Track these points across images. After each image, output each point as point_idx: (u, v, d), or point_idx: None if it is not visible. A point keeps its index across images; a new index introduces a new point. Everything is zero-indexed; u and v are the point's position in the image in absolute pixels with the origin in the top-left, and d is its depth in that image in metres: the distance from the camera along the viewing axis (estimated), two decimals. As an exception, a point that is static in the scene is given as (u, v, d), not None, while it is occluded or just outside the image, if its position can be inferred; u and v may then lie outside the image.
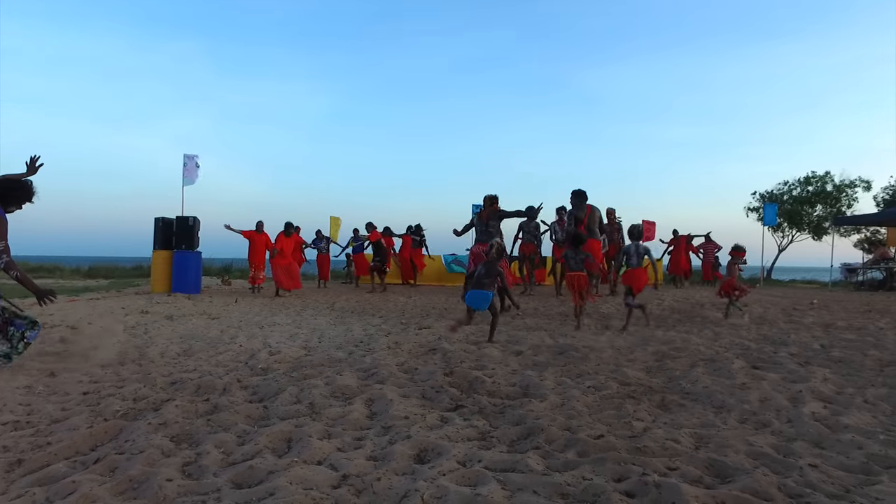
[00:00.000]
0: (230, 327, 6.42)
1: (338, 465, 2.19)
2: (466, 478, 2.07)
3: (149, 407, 3.04)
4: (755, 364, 4.27)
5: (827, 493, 1.96)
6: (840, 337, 5.76)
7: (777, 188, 24.77)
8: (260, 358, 4.49)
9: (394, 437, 2.52)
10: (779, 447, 2.44)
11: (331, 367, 4.14)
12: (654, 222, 17.96)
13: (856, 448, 2.42)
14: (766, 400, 3.21)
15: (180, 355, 4.67)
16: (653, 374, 4.02)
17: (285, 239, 11.43)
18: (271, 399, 3.24)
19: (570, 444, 2.44)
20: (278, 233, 11.57)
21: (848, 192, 23.32)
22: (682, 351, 4.82)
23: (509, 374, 3.92)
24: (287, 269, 11.17)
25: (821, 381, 3.63)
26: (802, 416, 2.85)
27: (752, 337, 5.75)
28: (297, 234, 12.04)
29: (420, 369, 4.02)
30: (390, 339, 5.51)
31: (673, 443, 2.45)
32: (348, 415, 2.89)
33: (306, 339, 5.63)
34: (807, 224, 23.82)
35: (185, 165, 13.20)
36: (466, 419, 2.84)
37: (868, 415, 2.94)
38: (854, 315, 8.00)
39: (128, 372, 3.97)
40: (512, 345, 5.24)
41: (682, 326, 6.67)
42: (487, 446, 2.45)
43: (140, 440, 2.47)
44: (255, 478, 2.09)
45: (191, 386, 3.50)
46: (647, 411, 3.02)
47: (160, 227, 11.31)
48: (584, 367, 4.15)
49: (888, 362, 4.36)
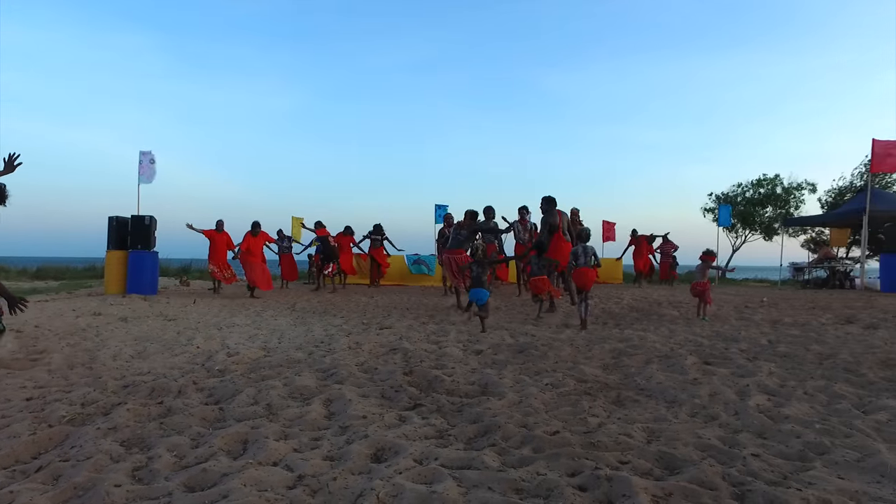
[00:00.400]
0: (187, 329, 6.27)
1: (294, 466, 2.17)
2: (422, 476, 2.08)
3: (98, 411, 2.94)
4: (707, 360, 4.42)
5: (767, 480, 2.05)
6: (786, 333, 6.01)
7: (731, 190, 25.65)
8: (217, 359, 4.40)
9: (351, 437, 2.52)
10: (725, 439, 2.54)
11: (290, 367, 4.09)
12: (614, 223, 18.42)
13: (794, 437, 2.54)
14: (716, 394, 3.33)
15: (134, 358, 4.53)
16: (609, 371, 4.11)
17: (252, 238, 11.26)
18: (228, 401, 3.19)
19: (526, 441, 2.48)
20: (245, 232, 11.36)
21: (796, 194, 24.37)
22: (639, 348, 4.95)
23: (468, 373, 3.95)
24: (263, 269, 11.06)
25: (766, 375, 3.79)
26: (748, 409, 2.97)
27: (705, 334, 5.94)
28: (265, 233, 11.82)
29: (380, 369, 4.01)
30: (351, 340, 5.48)
31: (626, 437, 2.52)
32: (306, 415, 2.87)
33: (266, 339, 5.55)
34: (758, 225, 24.75)
35: (140, 163, 12.80)
36: (424, 418, 2.86)
37: (807, 405, 3.09)
38: (800, 312, 8.35)
39: (77, 376, 3.84)
40: (472, 343, 5.29)
41: (640, 325, 6.84)
42: (444, 444, 2.47)
43: (87, 446, 2.39)
44: (208, 480, 2.06)
45: (144, 389, 3.41)
46: (602, 407, 3.09)
47: (114, 227, 10.93)
48: (543, 365, 4.22)
49: (827, 356, 4.58)
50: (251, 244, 11.21)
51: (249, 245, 11.19)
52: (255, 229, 11.34)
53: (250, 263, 11.06)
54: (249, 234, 11.31)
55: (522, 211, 10.60)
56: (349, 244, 13.95)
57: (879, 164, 14.27)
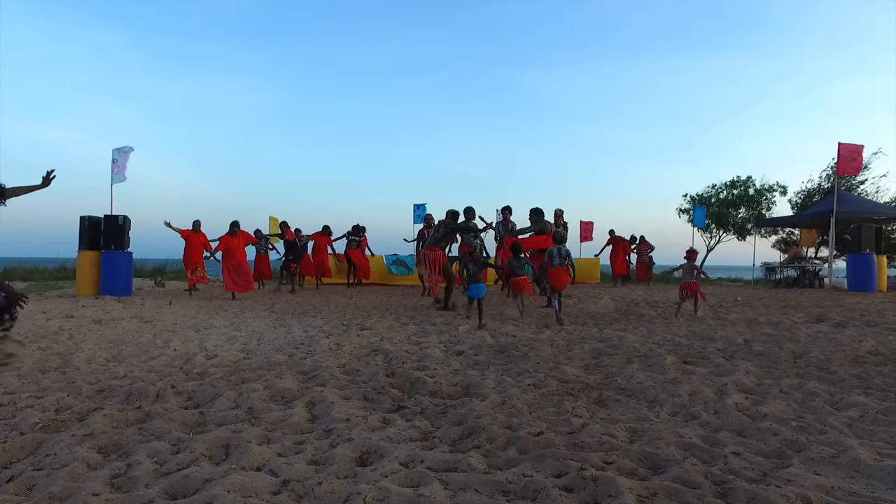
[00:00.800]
0: (164, 331, 6.15)
1: (278, 471, 2.14)
2: (409, 479, 2.07)
3: (73, 417, 2.87)
4: (686, 359, 4.49)
5: (747, 478, 2.09)
6: (761, 332, 6.15)
7: (706, 191, 26.09)
8: (196, 362, 4.32)
9: (335, 441, 2.50)
10: (706, 438, 2.59)
11: (270, 370, 4.04)
12: (592, 222, 18.62)
13: (772, 435, 2.60)
14: (695, 393, 3.38)
15: (109, 361, 4.43)
16: (590, 371, 4.15)
17: (231, 239, 10.77)
18: (208, 405, 3.14)
19: (510, 442, 2.49)
20: (224, 234, 10.89)
21: (767, 195, 24.90)
22: (618, 348, 5.01)
23: (451, 374, 3.96)
24: (237, 270, 10.61)
25: (743, 374, 3.87)
26: (727, 408, 3.03)
27: (682, 333, 6.04)
28: (245, 233, 11.30)
29: (362, 371, 3.99)
30: (331, 341, 5.44)
31: (609, 437, 2.55)
32: (288, 419, 2.84)
33: (245, 341, 5.47)
34: (732, 225, 25.23)
35: (114, 161, 12.51)
36: (408, 420, 2.85)
37: (783, 403, 3.16)
38: (773, 311, 8.54)
39: (49, 381, 3.73)
40: (453, 344, 5.29)
41: (619, 325, 6.92)
42: (429, 447, 2.47)
43: (63, 454, 2.33)
44: (190, 487, 2.02)
45: (121, 393, 3.34)
46: (584, 407, 3.12)
47: (87, 227, 10.68)
48: (525, 366, 4.25)
49: (800, 354, 4.69)
50: (230, 244, 10.71)
51: (228, 245, 10.69)
52: (233, 229, 10.87)
53: (224, 266, 10.72)
54: (228, 236, 10.85)
55: (505, 211, 10.66)
56: (325, 245, 13.85)
57: (845, 168, 14.67)
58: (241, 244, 11.05)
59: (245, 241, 11.29)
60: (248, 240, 11.47)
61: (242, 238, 11.15)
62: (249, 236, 11.62)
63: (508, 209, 10.74)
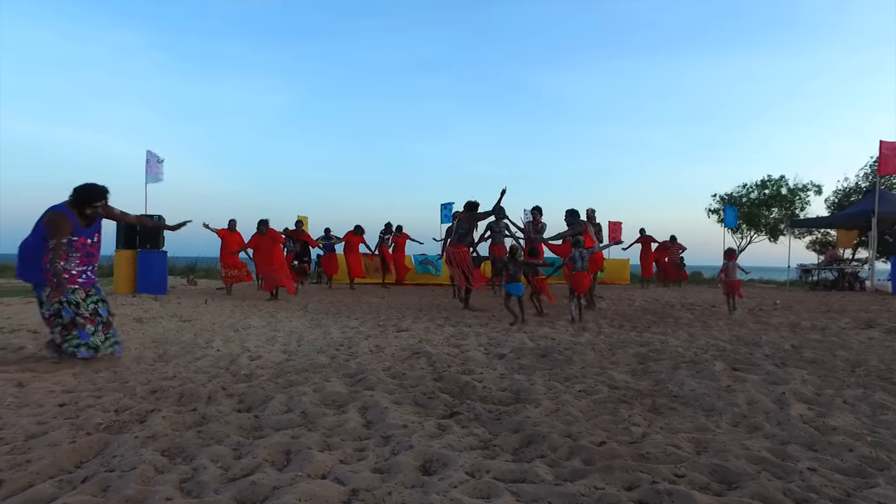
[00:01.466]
0: (204, 330, 6.22)
1: (344, 479, 2.13)
2: (478, 490, 2.04)
3: (133, 419, 2.90)
4: (734, 366, 4.37)
5: (830, 497, 2.01)
6: (807, 337, 5.97)
7: (736, 191, 25.58)
8: (241, 363, 4.36)
9: (396, 448, 2.48)
10: (775, 451, 2.50)
11: (316, 372, 4.05)
12: (620, 222, 18.37)
13: (847, 450, 2.49)
14: (753, 402, 3.28)
15: (156, 361, 4.49)
16: (638, 377, 4.07)
17: (260, 238, 10.56)
18: (260, 408, 3.15)
19: (574, 452, 2.44)
20: (253, 233, 10.70)
21: (801, 195, 24.30)
22: (662, 353, 4.91)
23: (498, 379, 3.91)
24: (269, 269, 10.48)
25: (800, 383, 3.74)
26: (791, 419, 2.93)
27: (725, 338, 5.90)
28: (274, 231, 10.97)
29: (408, 374, 3.97)
30: (371, 343, 5.44)
31: (674, 448, 2.48)
32: (344, 424, 2.83)
33: (285, 342, 5.51)
34: (764, 226, 24.69)
35: (147, 162, 12.77)
36: (465, 427, 2.82)
37: (851, 416, 3.04)
38: (815, 315, 8.31)
39: (103, 380, 3.79)
40: (493, 347, 5.25)
41: (657, 328, 6.80)
42: (492, 455, 2.43)
43: (129, 455, 2.35)
44: (259, 494, 2.02)
45: (173, 394, 3.37)
46: (641, 416, 3.05)
47: (122, 227, 10.89)
48: (570, 371, 4.18)
49: (856, 363, 4.53)
50: (259, 243, 10.54)
51: (258, 244, 10.54)
52: (261, 228, 10.58)
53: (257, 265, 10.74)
54: (257, 235, 10.63)
55: (535, 212, 10.57)
56: (357, 244, 13.90)
57: (886, 166, 14.24)
58: (272, 242, 10.77)
59: (276, 240, 11.00)
60: (277, 238, 11.17)
61: (271, 236, 10.88)
62: (278, 234, 11.36)
63: (538, 209, 10.64)
